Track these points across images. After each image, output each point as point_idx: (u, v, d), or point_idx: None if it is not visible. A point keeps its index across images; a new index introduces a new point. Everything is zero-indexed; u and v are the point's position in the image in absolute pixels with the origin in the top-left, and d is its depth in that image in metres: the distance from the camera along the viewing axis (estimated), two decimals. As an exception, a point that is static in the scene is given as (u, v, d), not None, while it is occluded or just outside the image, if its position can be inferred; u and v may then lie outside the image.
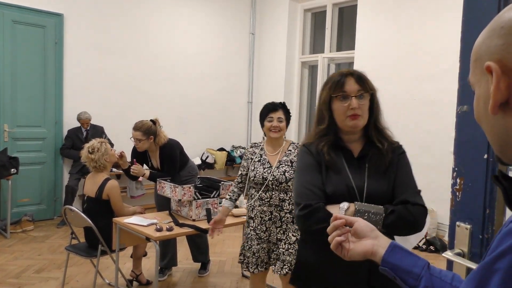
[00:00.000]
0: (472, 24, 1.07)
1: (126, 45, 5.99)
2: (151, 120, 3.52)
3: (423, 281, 0.80)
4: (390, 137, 1.59)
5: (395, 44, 5.70)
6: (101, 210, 3.20)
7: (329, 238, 0.94)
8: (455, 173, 1.09)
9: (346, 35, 6.94)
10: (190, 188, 3.08)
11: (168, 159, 3.53)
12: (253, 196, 2.63)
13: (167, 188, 3.20)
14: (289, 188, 2.53)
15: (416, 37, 5.48)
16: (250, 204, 2.64)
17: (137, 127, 3.43)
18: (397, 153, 1.57)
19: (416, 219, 1.43)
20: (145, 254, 3.64)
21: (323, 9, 6.92)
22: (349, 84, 1.50)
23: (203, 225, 2.98)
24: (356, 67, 6.14)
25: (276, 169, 2.55)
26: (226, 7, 7.11)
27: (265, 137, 2.71)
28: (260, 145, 2.73)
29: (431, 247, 4.73)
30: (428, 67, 5.33)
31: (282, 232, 2.55)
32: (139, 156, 3.60)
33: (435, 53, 5.24)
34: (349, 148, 1.55)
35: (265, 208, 2.55)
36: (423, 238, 4.87)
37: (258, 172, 2.58)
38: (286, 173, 2.53)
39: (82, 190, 3.54)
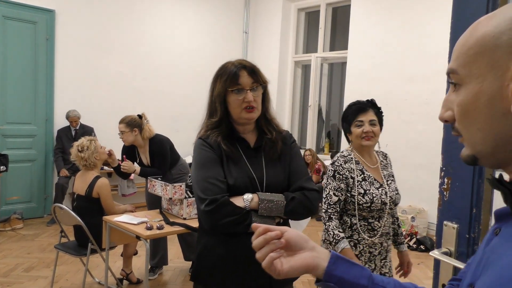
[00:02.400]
0: (461, 26, 1.07)
1: (118, 42, 5.96)
2: (138, 115, 3.55)
3: None
4: (278, 126, 1.64)
5: (387, 44, 5.73)
6: (91, 208, 3.17)
7: (259, 255, 0.77)
8: (443, 172, 1.09)
9: (339, 35, 6.96)
10: (181, 186, 3.07)
11: (158, 154, 3.53)
12: (353, 226, 2.05)
13: (158, 187, 3.18)
14: (395, 211, 2.20)
15: (409, 37, 5.51)
16: (349, 236, 2.05)
17: (121, 120, 3.49)
18: (289, 142, 1.64)
19: (313, 203, 1.53)
20: (135, 253, 3.62)
21: (316, 8, 6.94)
22: (243, 77, 1.50)
23: (194, 223, 2.96)
24: (349, 67, 6.16)
25: (387, 187, 2.07)
26: (220, 5, 7.09)
27: (351, 147, 2.17)
28: (350, 158, 2.11)
29: (422, 247, 4.77)
30: (421, 68, 5.36)
31: (385, 265, 2.10)
32: (129, 153, 3.58)
33: (428, 53, 5.28)
34: (245, 139, 1.58)
35: (376, 240, 2.03)
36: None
37: (375, 195, 2.01)
38: (398, 191, 2.11)
39: (72, 188, 3.52)
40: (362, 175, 2.06)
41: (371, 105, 2.11)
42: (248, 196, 1.45)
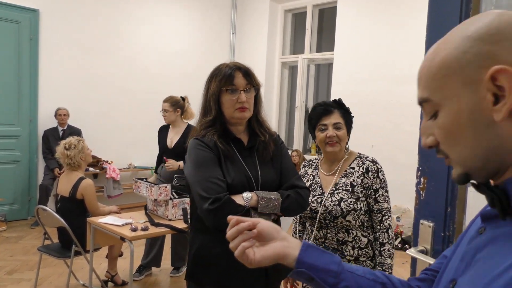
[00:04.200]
0: (436, 29, 1.10)
1: (104, 42, 5.91)
2: (181, 97, 3.73)
3: (342, 277, 0.77)
4: (269, 129, 1.72)
5: (374, 45, 5.78)
6: (75, 209, 3.14)
7: (232, 245, 0.82)
8: (419, 172, 1.11)
9: (326, 36, 7.00)
10: (166, 187, 3.06)
11: None
12: (306, 232, 1.95)
13: (143, 188, 3.16)
14: (350, 225, 1.81)
15: (396, 38, 5.56)
16: None
17: (166, 99, 3.67)
18: (278, 143, 1.72)
19: (305, 200, 1.62)
20: (121, 255, 3.59)
21: (303, 10, 6.97)
22: (238, 78, 1.57)
23: (179, 225, 2.96)
24: (336, 68, 6.20)
25: (329, 196, 1.83)
26: (207, 6, 7.08)
27: (320, 153, 2.02)
28: (314, 163, 2.02)
29: (406, 246, 4.82)
30: (408, 69, 5.41)
31: None
32: (164, 135, 3.74)
33: (414, 54, 5.29)
34: (240, 139, 1.64)
35: None
36: (400, 236, 4.95)
37: None
38: (342, 203, 1.78)
39: (56, 190, 3.48)
40: (312, 181, 1.94)
41: (337, 106, 1.87)
42: (247, 194, 1.51)
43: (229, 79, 1.56)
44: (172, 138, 3.69)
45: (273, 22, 7.13)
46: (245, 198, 1.50)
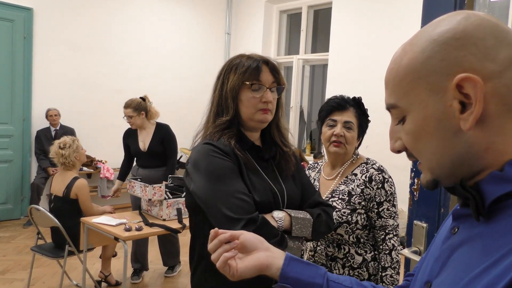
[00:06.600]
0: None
1: (98, 41, 5.88)
2: (141, 97, 3.60)
3: None
4: (288, 140, 1.43)
5: (369, 46, 5.80)
6: (68, 209, 3.13)
7: (213, 256, 0.79)
8: (413, 173, 1.12)
9: (321, 37, 7.02)
10: (160, 187, 3.05)
11: (169, 139, 3.58)
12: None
13: (137, 188, 3.15)
14: (343, 239, 1.60)
15: (390, 39, 5.58)
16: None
17: (127, 105, 3.50)
18: (297, 158, 1.47)
19: (333, 220, 1.39)
20: (114, 255, 3.58)
21: (298, 11, 6.99)
22: (265, 73, 1.27)
23: (174, 225, 2.95)
24: (330, 68, 6.22)
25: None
26: (202, 6, 7.08)
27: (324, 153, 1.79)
28: (320, 165, 1.82)
29: (401, 247, 4.84)
30: (399, 71, 5.45)
31: None
32: (131, 139, 3.61)
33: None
34: (258, 147, 1.35)
35: (304, 259, 1.66)
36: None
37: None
38: (334, 213, 1.57)
39: (49, 189, 3.46)
40: None
41: (354, 103, 1.67)
42: (279, 214, 1.22)
43: (254, 72, 1.25)
44: (144, 141, 3.58)
45: (268, 22, 7.13)
46: (277, 218, 1.20)
